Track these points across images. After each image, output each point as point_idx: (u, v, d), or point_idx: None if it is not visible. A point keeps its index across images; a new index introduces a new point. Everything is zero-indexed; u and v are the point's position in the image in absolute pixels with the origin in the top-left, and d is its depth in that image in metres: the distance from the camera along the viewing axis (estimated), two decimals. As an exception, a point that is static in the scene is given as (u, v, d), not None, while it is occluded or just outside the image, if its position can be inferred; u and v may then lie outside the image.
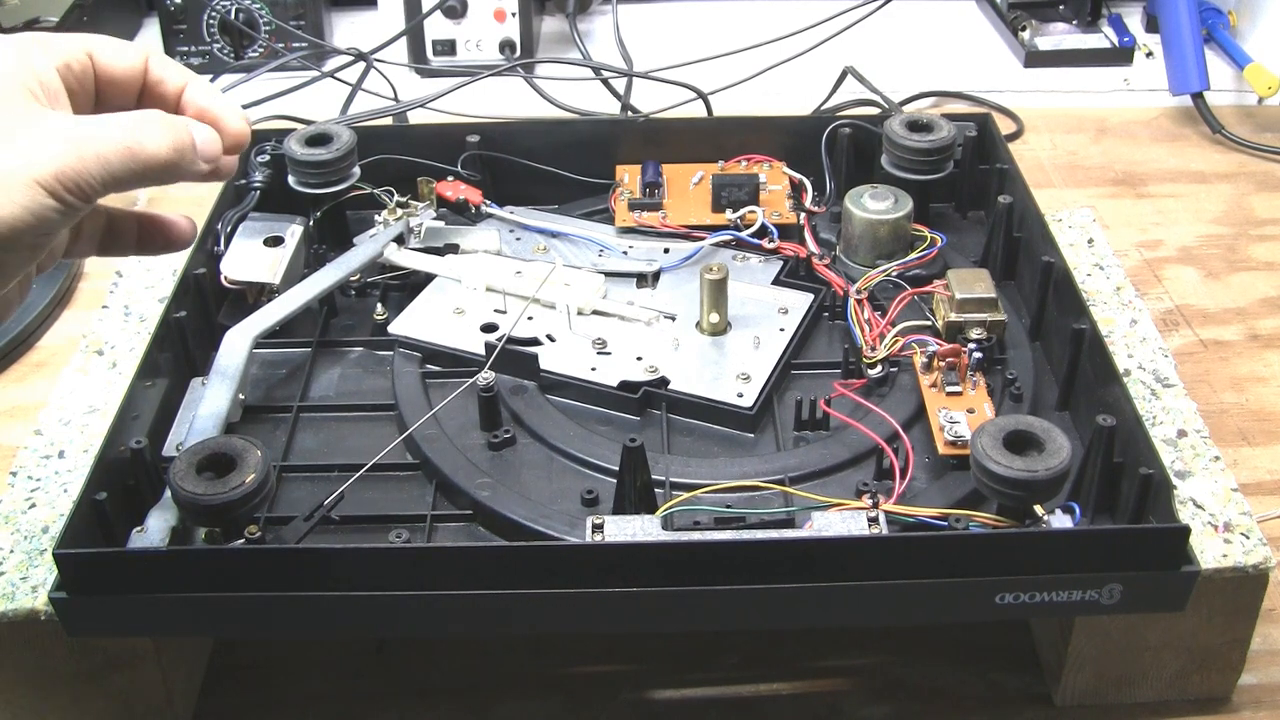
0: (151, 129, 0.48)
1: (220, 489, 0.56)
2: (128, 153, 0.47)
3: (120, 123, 0.48)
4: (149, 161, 0.48)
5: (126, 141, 0.47)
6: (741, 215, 0.80)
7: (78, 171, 0.46)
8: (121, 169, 0.47)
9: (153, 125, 0.49)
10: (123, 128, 0.48)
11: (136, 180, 0.48)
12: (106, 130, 0.47)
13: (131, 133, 0.48)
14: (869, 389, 0.68)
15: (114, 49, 0.52)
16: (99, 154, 0.46)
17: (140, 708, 0.61)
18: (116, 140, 0.47)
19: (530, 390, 0.69)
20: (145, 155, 0.48)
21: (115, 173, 0.47)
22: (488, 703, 0.64)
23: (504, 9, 1.16)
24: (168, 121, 0.49)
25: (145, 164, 0.48)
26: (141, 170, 0.48)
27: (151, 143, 0.48)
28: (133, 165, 0.47)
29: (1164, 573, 0.54)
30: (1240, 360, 0.85)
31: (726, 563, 0.54)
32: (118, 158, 0.47)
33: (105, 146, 0.47)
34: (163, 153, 0.48)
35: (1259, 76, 1.13)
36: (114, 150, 0.47)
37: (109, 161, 0.47)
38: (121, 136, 0.47)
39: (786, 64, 1.09)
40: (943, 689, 0.65)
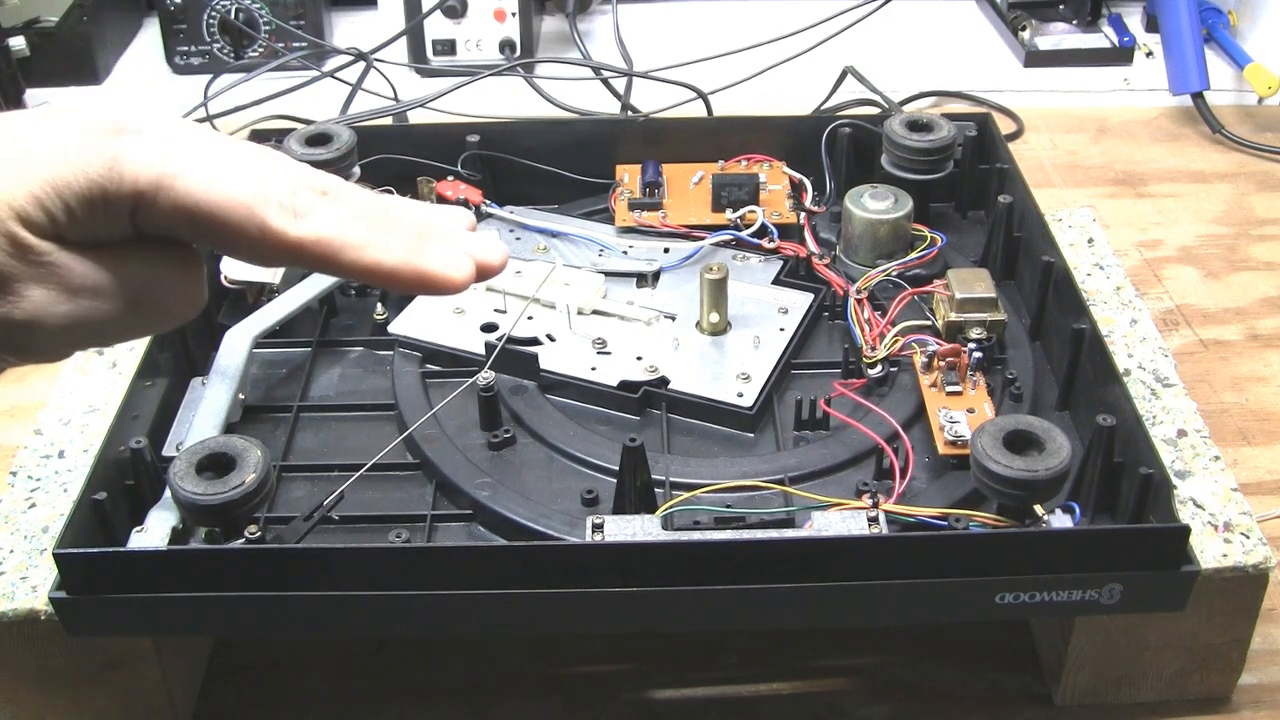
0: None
1: (220, 489, 0.56)
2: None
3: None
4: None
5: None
6: (741, 215, 0.80)
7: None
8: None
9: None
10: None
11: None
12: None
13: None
14: (869, 389, 0.68)
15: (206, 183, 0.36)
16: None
17: (140, 708, 0.61)
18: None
19: (530, 390, 0.69)
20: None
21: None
22: (488, 703, 0.64)
23: (504, 9, 1.16)
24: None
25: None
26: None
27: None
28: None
29: (1164, 572, 0.54)
30: (1240, 360, 0.85)
31: (726, 563, 0.54)
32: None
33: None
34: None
35: (1259, 76, 1.13)
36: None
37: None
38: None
39: (786, 64, 1.09)
40: (943, 689, 0.65)
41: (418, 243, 0.39)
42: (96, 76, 1.19)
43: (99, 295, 0.36)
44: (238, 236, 0.36)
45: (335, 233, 0.37)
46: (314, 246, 0.37)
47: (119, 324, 0.37)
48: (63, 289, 0.35)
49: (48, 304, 0.35)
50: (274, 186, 0.37)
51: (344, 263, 0.37)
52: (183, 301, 0.38)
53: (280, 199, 0.37)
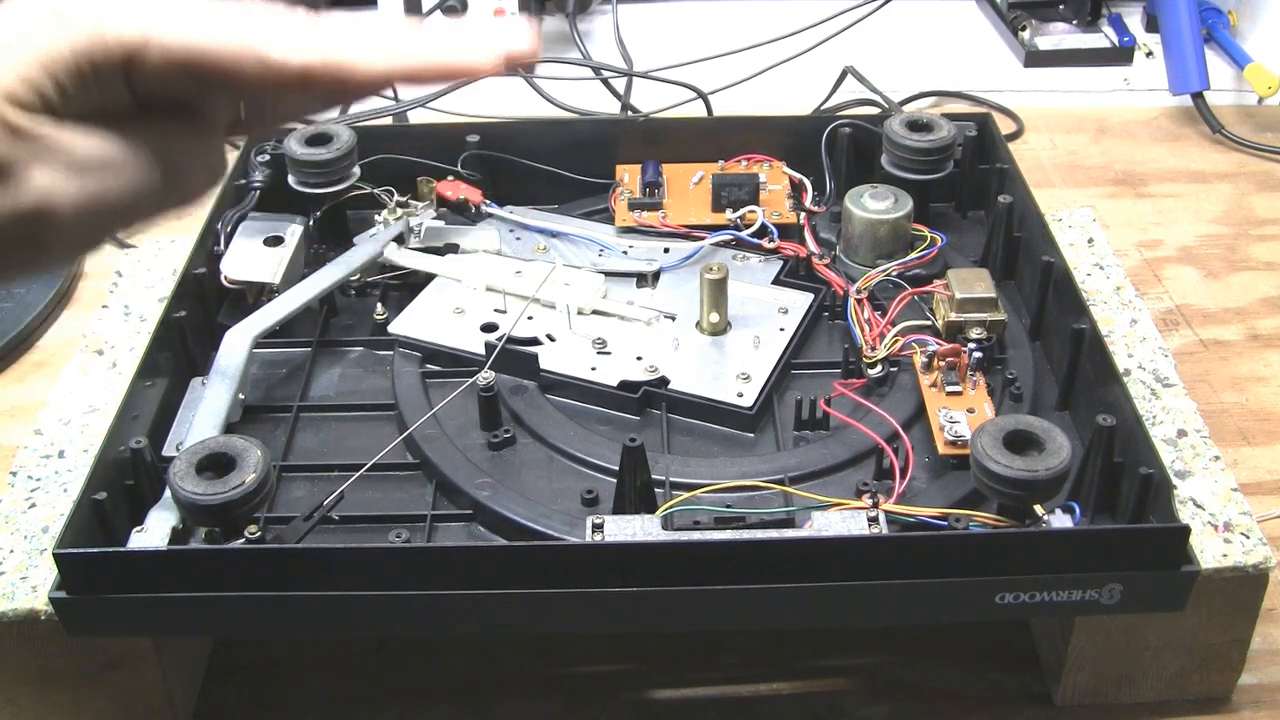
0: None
1: (220, 489, 0.56)
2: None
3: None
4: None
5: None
6: (741, 215, 0.80)
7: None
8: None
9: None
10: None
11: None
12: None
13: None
14: (869, 389, 0.68)
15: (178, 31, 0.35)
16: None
17: (140, 708, 0.61)
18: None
19: (530, 390, 0.69)
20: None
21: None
22: (488, 703, 0.64)
23: (504, 8, 1.16)
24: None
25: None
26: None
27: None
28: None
29: (1164, 572, 0.54)
30: (1240, 360, 0.85)
31: (726, 563, 0.54)
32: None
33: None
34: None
35: (1259, 76, 1.13)
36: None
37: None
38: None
39: (786, 64, 1.09)
40: (943, 689, 0.65)
41: (429, 40, 0.37)
42: (96, 76, 1.19)
43: (108, 168, 0.35)
44: (240, 75, 0.35)
45: (340, 50, 0.35)
46: (323, 66, 0.35)
47: (137, 199, 0.36)
48: (66, 165, 0.34)
49: (53, 184, 0.34)
50: (262, 18, 0.35)
51: (358, 75, 0.36)
52: (203, 169, 0.37)
53: (278, 29, 0.35)
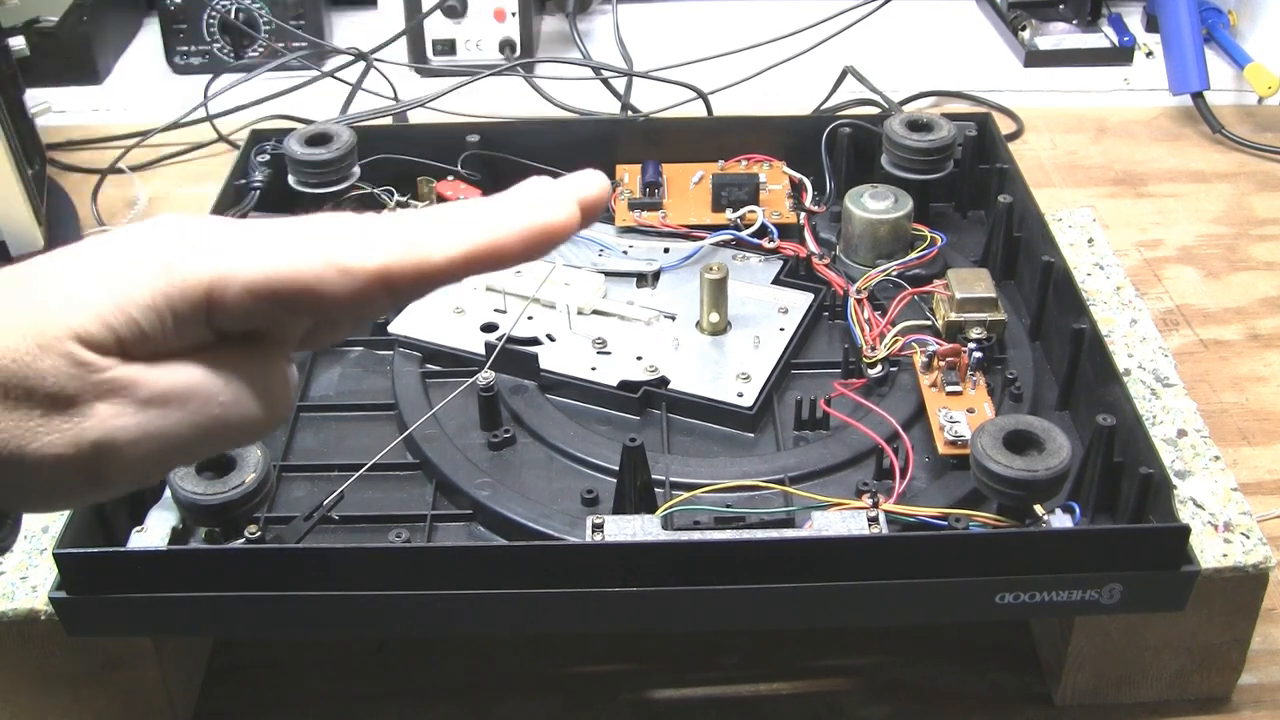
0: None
1: (220, 488, 0.56)
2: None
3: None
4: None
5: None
6: (741, 215, 0.80)
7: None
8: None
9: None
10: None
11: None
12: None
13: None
14: (869, 389, 0.68)
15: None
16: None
17: (140, 708, 0.61)
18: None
19: (530, 390, 0.69)
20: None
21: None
22: (488, 703, 0.64)
23: (504, 9, 1.16)
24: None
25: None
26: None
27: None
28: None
29: (1164, 572, 0.54)
30: (1240, 360, 0.85)
31: (726, 563, 0.54)
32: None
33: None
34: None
35: (1259, 76, 1.13)
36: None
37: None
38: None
39: (786, 64, 1.09)
40: (943, 689, 0.65)
41: (501, 210, 0.35)
42: (96, 76, 1.19)
43: (170, 403, 0.34)
44: (322, 291, 0.34)
45: (414, 238, 0.34)
46: (401, 261, 0.34)
47: (199, 435, 0.35)
48: (130, 401, 0.34)
49: (115, 417, 0.33)
50: (332, 228, 0.35)
51: (437, 261, 0.35)
52: (267, 403, 0.36)
53: (348, 236, 0.35)
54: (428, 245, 0.35)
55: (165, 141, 1.08)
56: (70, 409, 0.33)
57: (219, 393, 0.35)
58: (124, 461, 0.34)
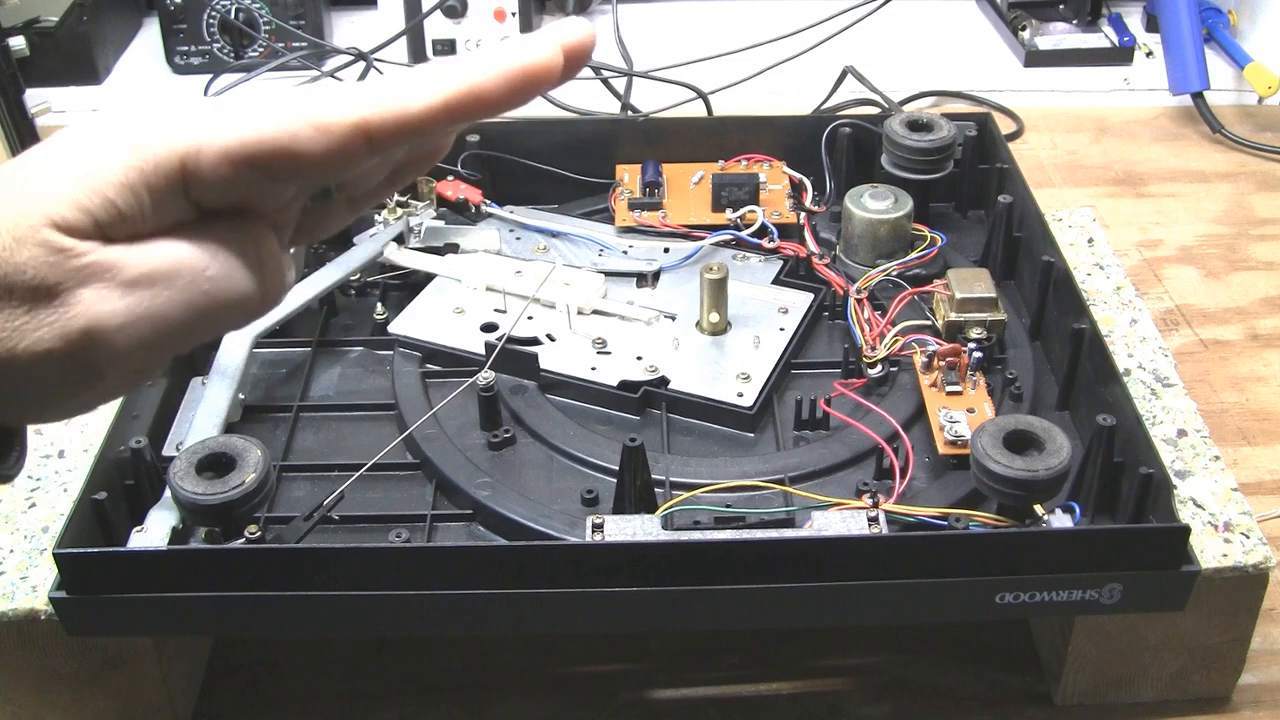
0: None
1: (220, 489, 0.56)
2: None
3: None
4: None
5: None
6: (741, 215, 0.80)
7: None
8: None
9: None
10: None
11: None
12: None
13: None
14: (869, 388, 0.68)
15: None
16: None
17: (140, 708, 0.61)
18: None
19: (530, 390, 0.69)
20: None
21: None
22: (488, 702, 0.64)
23: (504, 9, 1.16)
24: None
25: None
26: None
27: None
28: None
29: (1164, 572, 0.54)
30: (1240, 360, 0.85)
31: (726, 563, 0.54)
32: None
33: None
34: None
35: (1259, 76, 1.13)
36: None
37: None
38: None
39: (786, 64, 1.09)
40: (943, 689, 0.65)
41: (483, 57, 0.34)
42: (96, 76, 1.19)
43: (156, 281, 0.33)
44: (301, 152, 0.33)
45: (389, 91, 0.34)
46: (378, 114, 0.33)
47: (191, 314, 0.34)
48: (114, 284, 0.33)
49: (100, 302, 0.33)
50: (310, 94, 0.34)
51: (416, 112, 0.34)
52: (258, 277, 0.35)
53: (324, 97, 0.34)
54: (405, 94, 0.34)
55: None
56: (54, 300, 0.32)
57: (206, 266, 0.34)
58: (116, 348, 0.33)
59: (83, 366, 0.33)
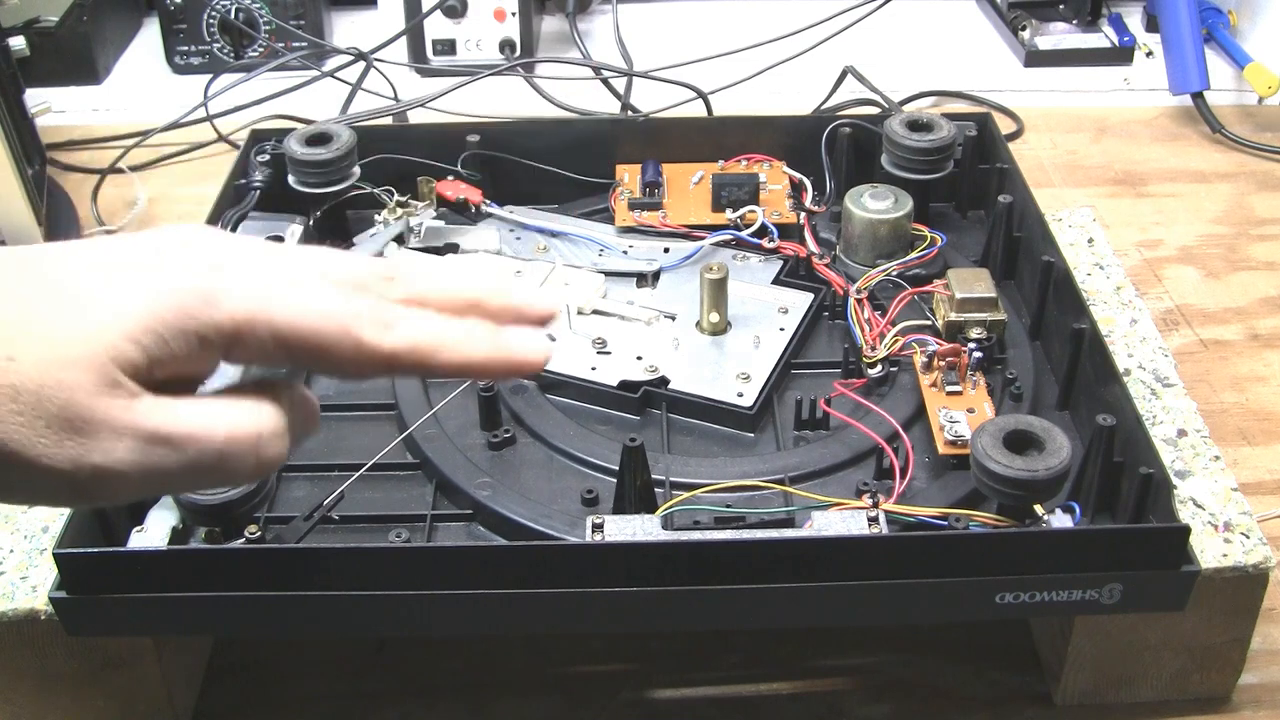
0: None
1: (220, 489, 0.56)
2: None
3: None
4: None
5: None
6: (741, 215, 0.80)
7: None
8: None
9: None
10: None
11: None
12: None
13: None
14: (869, 388, 0.68)
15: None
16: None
17: (140, 707, 0.61)
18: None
19: (530, 390, 0.69)
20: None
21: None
22: (488, 702, 0.64)
23: (504, 9, 1.16)
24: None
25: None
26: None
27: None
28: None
29: (1164, 572, 0.54)
30: (1240, 360, 0.85)
31: (726, 563, 0.54)
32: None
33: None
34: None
35: (1259, 76, 1.13)
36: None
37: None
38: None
39: (786, 64, 1.09)
40: (943, 689, 0.65)
41: (495, 333, 0.39)
42: (96, 76, 1.19)
43: (175, 445, 0.34)
44: (334, 356, 0.36)
45: (424, 338, 0.37)
46: (408, 355, 0.37)
47: (192, 480, 0.35)
48: (140, 437, 0.34)
49: (122, 450, 0.33)
50: (362, 302, 0.37)
51: (436, 365, 0.38)
52: (258, 456, 0.36)
53: (370, 314, 0.36)
54: (436, 351, 0.37)
55: (165, 141, 1.08)
56: (83, 433, 0.33)
57: (221, 438, 0.35)
58: (114, 489, 0.34)
59: (77, 491, 0.34)
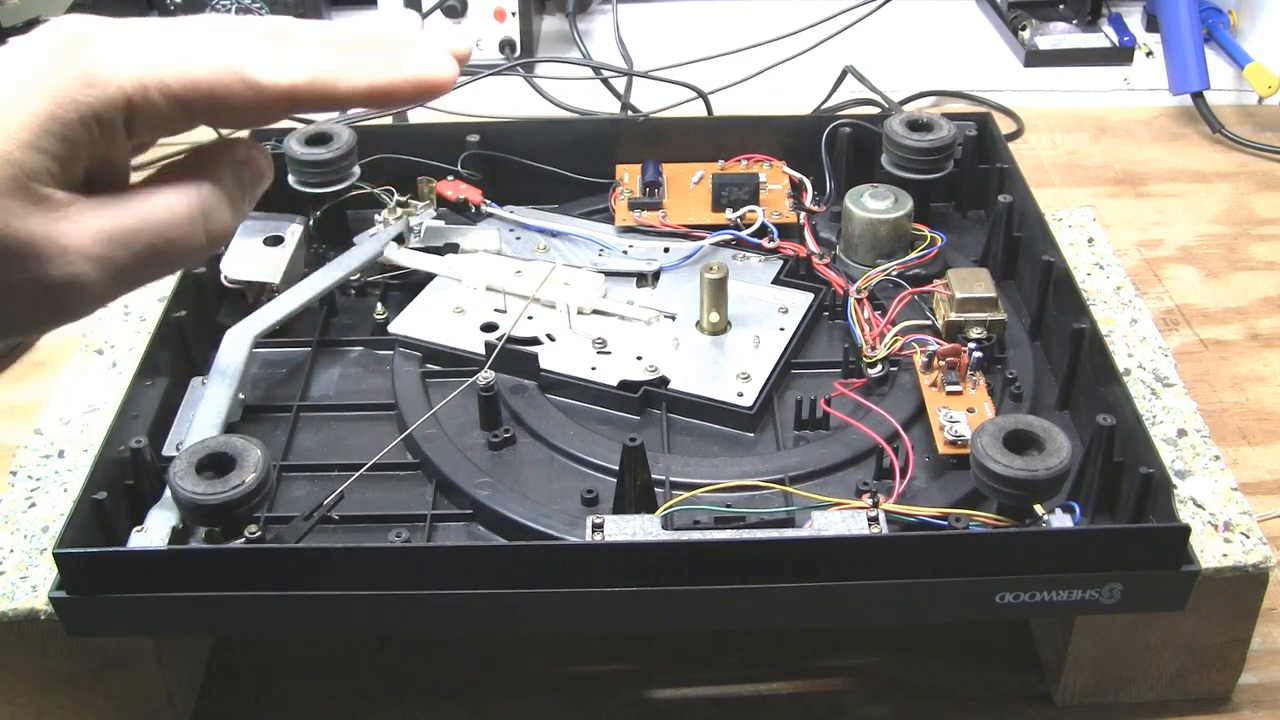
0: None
1: (220, 488, 0.56)
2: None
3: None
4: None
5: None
6: (741, 214, 0.80)
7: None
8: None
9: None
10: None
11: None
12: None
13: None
14: (869, 388, 0.68)
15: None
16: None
17: (140, 708, 0.61)
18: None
19: (530, 390, 0.69)
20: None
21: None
22: (488, 702, 0.64)
23: (504, 9, 1.16)
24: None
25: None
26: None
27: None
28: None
29: (1164, 572, 0.54)
30: (1240, 360, 0.85)
31: (726, 562, 0.54)
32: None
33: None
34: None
35: (1259, 76, 1.13)
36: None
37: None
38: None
39: (786, 64, 1.09)
40: (943, 689, 0.65)
41: (396, 55, 0.38)
42: (96, 76, 1.19)
43: (120, 242, 0.35)
44: (233, 101, 0.35)
45: (323, 67, 0.36)
46: (308, 88, 0.36)
47: (155, 269, 0.36)
48: (86, 242, 0.34)
49: (77, 262, 0.34)
50: (253, 43, 0.36)
51: (341, 93, 0.37)
52: (207, 230, 0.37)
53: (263, 52, 0.36)
54: (336, 78, 0.37)
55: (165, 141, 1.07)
56: (31, 255, 0.33)
57: (165, 227, 0.36)
58: (82, 299, 0.35)
59: (56, 308, 0.35)
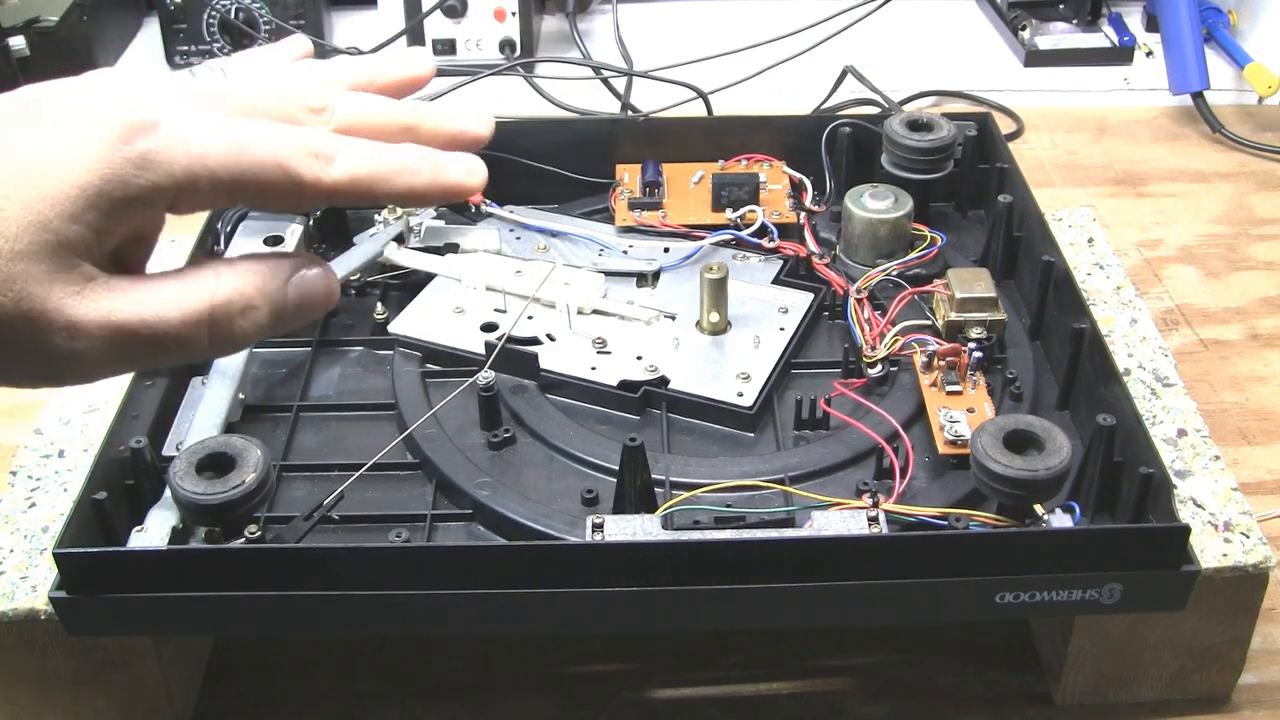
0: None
1: (220, 488, 0.56)
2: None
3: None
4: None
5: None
6: (741, 214, 0.80)
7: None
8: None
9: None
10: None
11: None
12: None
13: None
14: (869, 388, 0.68)
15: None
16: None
17: (140, 708, 0.61)
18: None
19: (530, 390, 0.69)
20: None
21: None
22: (488, 702, 0.64)
23: (504, 8, 1.16)
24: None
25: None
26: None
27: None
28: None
29: (1164, 572, 0.54)
30: (1240, 360, 0.85)
31: (726, 562, 0.54)
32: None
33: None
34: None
35: (1259, 76, 1.13)
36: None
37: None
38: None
39: (786, 64, 1.09)
40: (943, 689, 0.65)
41: (438, 159, 0.39)
42: (96, 76, 1.19)
43: (131, 333, 0.34)
44: (277, 194, 0.36)
45: (364, 170, 0.37)
46: (349, 187, 0.37)
47: (154, 357, 0.36)
48: (98, 326, 0.34)
49: (86, 341, 0.34)
50: (297, 136, 0.36)
51: (379, 195, 0.38)
52: (210, 337, 0.36)
53: (308, 148, 0.36)
54: (377, 183, 0.37)
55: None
56: (42, 324, 0.33)
57: (178, 325, 0.35)
58: (83, 373, 0.35)
59: (50, 375, 0.35)
